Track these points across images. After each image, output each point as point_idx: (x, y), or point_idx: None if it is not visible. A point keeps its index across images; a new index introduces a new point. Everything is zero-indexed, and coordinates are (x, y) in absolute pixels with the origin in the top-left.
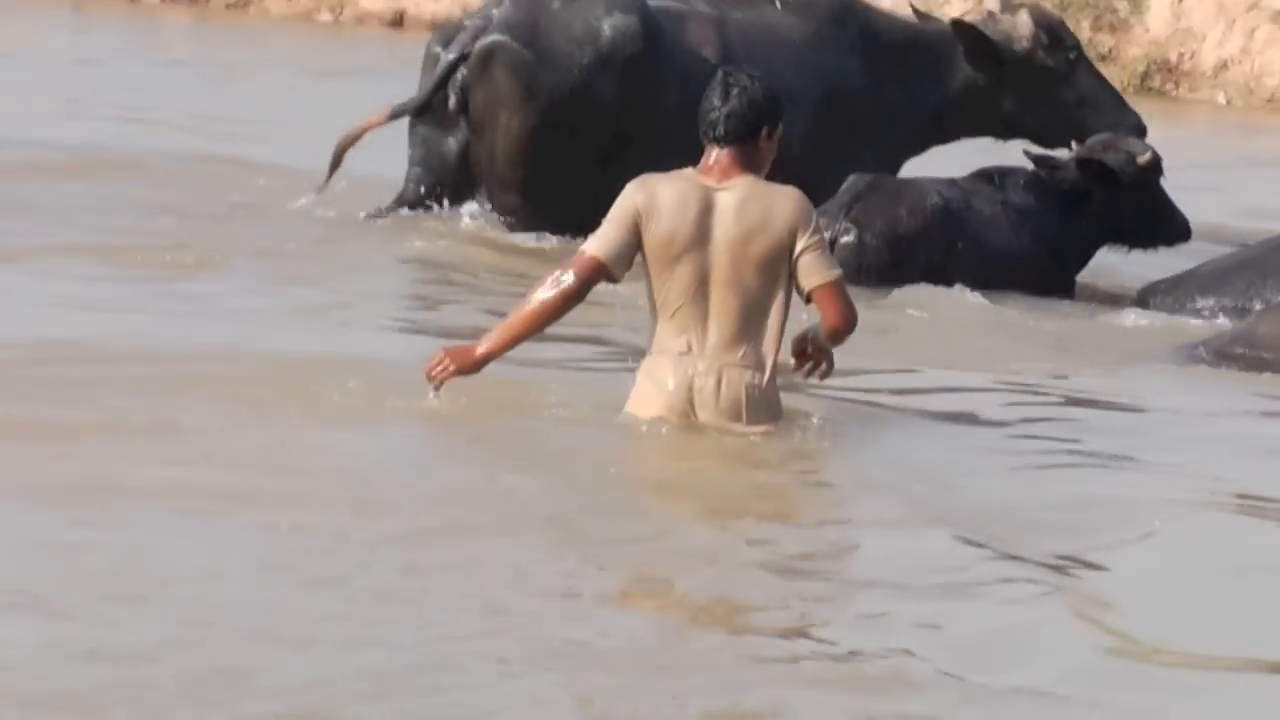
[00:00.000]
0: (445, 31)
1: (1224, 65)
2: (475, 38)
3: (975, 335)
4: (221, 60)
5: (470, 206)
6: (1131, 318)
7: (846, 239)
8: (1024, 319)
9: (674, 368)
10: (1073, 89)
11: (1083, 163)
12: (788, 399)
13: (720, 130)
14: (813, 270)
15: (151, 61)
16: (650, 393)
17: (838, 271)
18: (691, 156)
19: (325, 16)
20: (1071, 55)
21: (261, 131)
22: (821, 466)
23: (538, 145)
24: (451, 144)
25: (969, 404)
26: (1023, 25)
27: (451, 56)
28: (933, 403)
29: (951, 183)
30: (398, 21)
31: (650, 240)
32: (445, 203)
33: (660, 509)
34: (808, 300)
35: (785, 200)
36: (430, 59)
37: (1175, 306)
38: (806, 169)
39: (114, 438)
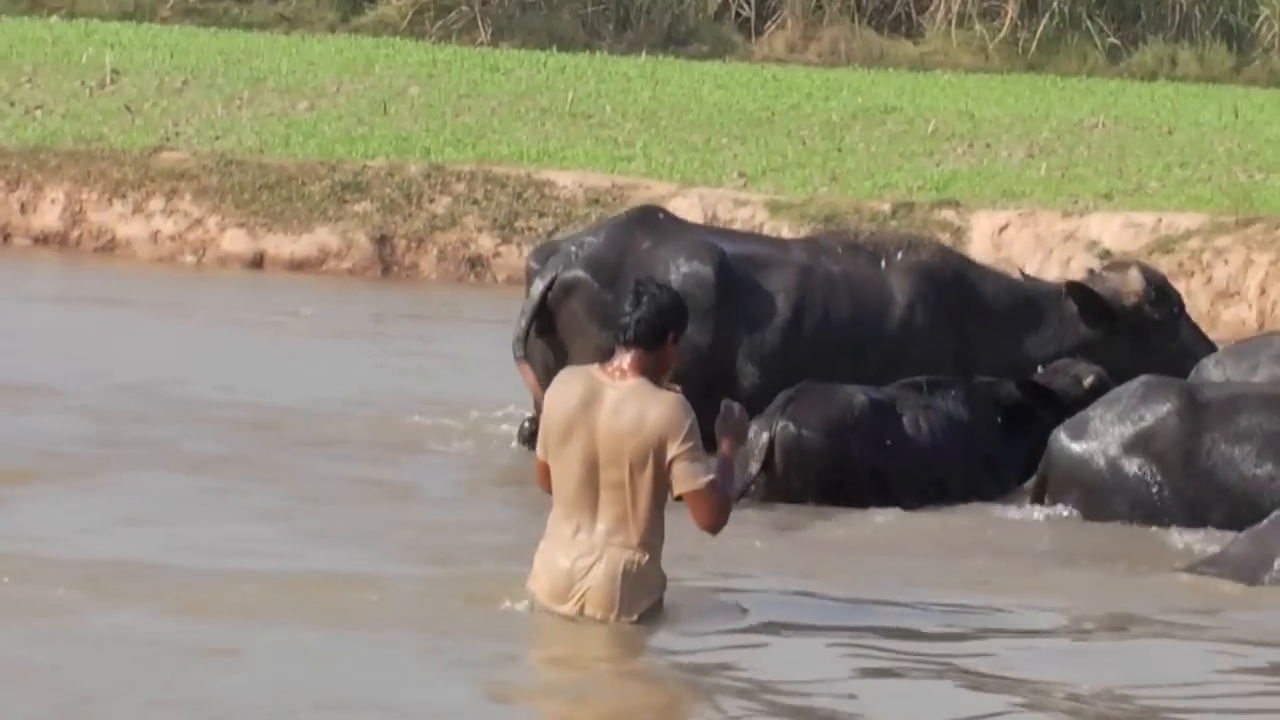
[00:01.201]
0: (544, 249)
1: None
2: (566, 265)
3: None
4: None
5: None
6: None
7: (787, 433)
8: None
9: (563, 549)
10: (1176, 340)
11: (1022, 385)
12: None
13: (630, 334)
14: (681, 478)
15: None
16: (540, 572)
17: (706, 478)
18: (757, 399)
19: (189, 258)
20: (1175, 310)
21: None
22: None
23: None
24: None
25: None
26: (1134, 281)
27: (542, 285)
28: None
29: (877, 389)
30: (258, 262)
31: (543, 428)
32: None
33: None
34: (677, 498)
35: (659, 407)
36: (530, 274)
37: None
38: None
39: None
